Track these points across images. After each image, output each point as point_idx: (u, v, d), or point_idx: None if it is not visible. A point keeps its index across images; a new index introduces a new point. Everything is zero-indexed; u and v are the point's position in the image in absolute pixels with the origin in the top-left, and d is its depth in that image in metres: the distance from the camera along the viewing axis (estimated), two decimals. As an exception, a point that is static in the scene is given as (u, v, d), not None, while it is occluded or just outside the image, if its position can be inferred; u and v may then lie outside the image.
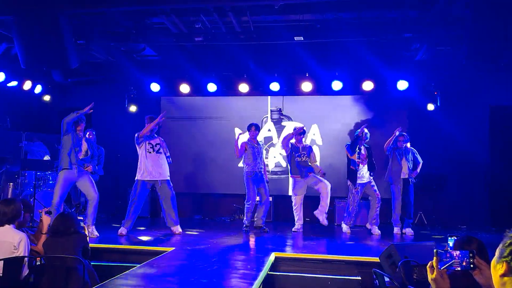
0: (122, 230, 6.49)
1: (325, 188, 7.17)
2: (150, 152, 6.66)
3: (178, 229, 6.77)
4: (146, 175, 6.62)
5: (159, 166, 6.66)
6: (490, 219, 8.18)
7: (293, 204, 7.35)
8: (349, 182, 7.22)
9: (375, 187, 7.21)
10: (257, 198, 7.18)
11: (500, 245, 1.64)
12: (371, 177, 7.25)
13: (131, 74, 9.06)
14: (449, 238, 2.72)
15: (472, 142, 8.32)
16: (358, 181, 7.09)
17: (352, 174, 7.14)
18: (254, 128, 7.19)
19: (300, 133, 7.39)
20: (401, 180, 7.14)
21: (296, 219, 7.30)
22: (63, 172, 6.17)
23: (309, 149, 7.50)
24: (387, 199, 7.56)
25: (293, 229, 7.25)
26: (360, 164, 7.13)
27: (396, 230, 7.17)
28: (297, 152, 7.33)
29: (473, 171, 8.41)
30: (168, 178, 6.77)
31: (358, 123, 8.69)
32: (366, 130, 7.23)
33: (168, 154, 6.85)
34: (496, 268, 1.64)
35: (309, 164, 7.34)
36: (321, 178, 7.27)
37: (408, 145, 7.39)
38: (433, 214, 8.22)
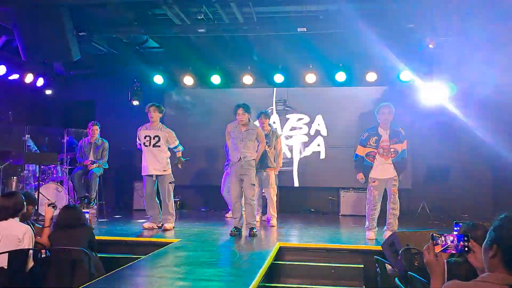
0: (146, 224, 6.42)
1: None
2: (146, 146, 6.38)
3: (165, 227, 6.38)
4: (144, 171, 6.38)
5: (155, 161, 6.32)
6: (493, 208, 8.16)
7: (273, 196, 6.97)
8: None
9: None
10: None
11: (490, 228, 1.69)
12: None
13: (134, 67, 9.04)
14: (455, 224, 2.78)
15: (475, 133, 8.27)
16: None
17: None
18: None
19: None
20: None
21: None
22: None
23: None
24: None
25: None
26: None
27: None
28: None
29: (476, 162, 8.38)
30: (165, 173, 6.43)
31: (362, 113, 8.67)
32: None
33: (175, 144, 6.54)
34: (487, 251, 1.70)
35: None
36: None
37: None
38: (436, 204, 8.22)
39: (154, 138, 6.36)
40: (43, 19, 6.05)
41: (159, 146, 6.35)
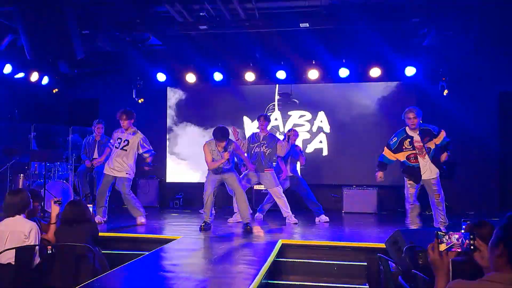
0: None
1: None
2: (116, 147, 6.57)
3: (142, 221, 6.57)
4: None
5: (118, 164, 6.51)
6: (499, 205, 8.14)
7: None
8: None
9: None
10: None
11: (497, 228, 1.67)
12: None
13: (137, 64, 9.06)
14: (463, 222, 2.76)
15: (481, 129, 8.25)
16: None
17: None
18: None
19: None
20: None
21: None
22: None
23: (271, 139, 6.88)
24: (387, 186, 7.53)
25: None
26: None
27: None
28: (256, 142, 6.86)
29: (482, 158, 8.35)
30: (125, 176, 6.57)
31: (366, 110, 8.66)
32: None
33: (143, 150, 6.65)
34: (493, 250, 1.67)
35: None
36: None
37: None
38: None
39: (124, 142, 6.59)
40: (47, 18, 6.09)
41: (126, 150, 6.56)
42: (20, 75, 8.62)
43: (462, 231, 2.60)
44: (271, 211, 7.40)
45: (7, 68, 8.18)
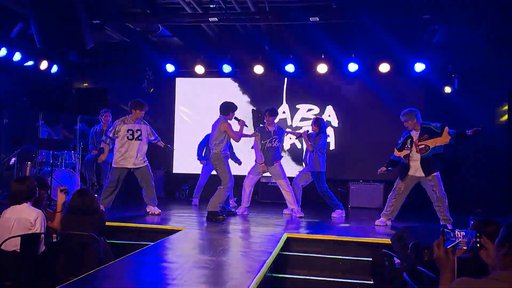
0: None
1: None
2: (129, 139, 6.51)
3: (155, 212, 6.63)
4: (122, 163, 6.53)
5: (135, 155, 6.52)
6: (507, 203, 8.07)
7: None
8: None
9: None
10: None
11: (504, 226, 1.65)
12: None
13: (147, 55, 9.08)
14: (471, 219, 2.74)
15: (491, 126, 8.17)
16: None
17: None
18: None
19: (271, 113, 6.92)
20: None
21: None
22: None
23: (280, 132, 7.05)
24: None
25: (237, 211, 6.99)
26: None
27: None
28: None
29: (492, 155, 8.28)
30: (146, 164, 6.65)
31: (374, 105, 8.61)
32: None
33: (154, 136, 6.75)
34: (499, 248, 1.66)
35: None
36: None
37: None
38: (449, 198, 8.12)
39: (136, 132, 6.56)
40: (57, 7, 6.10)
41: (141, 140, 6.56)
42: (30, 63, 8.66)
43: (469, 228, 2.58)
44: (276, 204, 7.39)
45: (17, 56, 8.22)
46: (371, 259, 4.78)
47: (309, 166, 6.94)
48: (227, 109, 6.50)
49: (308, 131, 7.24)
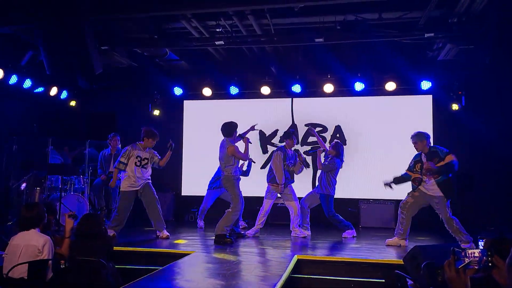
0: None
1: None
2: (137, 166, 6.55)
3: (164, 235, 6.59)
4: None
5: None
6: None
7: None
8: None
9: None
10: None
11: None
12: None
13: (155, 79, 9.19)
14: (479, 239, 2.68)
15: (500, 142, 8.08)
16: None
17: None
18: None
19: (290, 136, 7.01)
20: None
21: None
22: None
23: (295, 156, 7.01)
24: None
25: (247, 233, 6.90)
26: None
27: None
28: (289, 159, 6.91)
29: (502, 171, 8.16)
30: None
31: (382, 123, 8.58)
32: None
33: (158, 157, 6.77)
34: (511, 267, 1.61)
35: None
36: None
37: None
38: (460, 215, 7.99)
39: (144, 160, 6.60)
40: (66, 35, 6.21)
41: (146, 168, 6.64)
42: (39, 89, 8.79)
43: (480, 248, 2.52)
44: (286, 225, 7.32)
45: (27, 83, 8.35)
46: (383, 280, 4.69)
47: (319, 188, 6.89)
48: (229, 129, 6.51)
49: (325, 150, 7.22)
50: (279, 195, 7.03)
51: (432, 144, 6.23)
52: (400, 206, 6.16)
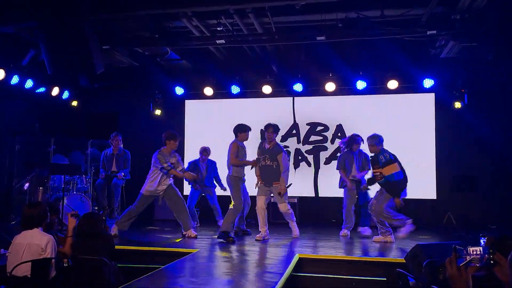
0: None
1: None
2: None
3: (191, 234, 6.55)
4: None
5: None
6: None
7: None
8: None
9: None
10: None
11: None
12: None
13: (156, 78, 9.19)
14: (481, 237, 2.68)
15: (503, 140, 8.06)
16: None
17: None
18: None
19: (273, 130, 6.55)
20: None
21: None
22: None
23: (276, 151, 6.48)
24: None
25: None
26: None
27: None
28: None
29: (504, 171, 8.13)
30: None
31: (384, 122, 8.56)
32: None
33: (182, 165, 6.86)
34: None
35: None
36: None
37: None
38: (462, 215, 7.99)
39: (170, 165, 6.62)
40: (68, 34, 6.21)
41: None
42: (41, 89, 8.80)
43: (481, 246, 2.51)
44: (287, 224, 7.30)
45: (29, 83, 8.36)
46: (385, 279, 4.69)
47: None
48: (236, 130, 6.63)
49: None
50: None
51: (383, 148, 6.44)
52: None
